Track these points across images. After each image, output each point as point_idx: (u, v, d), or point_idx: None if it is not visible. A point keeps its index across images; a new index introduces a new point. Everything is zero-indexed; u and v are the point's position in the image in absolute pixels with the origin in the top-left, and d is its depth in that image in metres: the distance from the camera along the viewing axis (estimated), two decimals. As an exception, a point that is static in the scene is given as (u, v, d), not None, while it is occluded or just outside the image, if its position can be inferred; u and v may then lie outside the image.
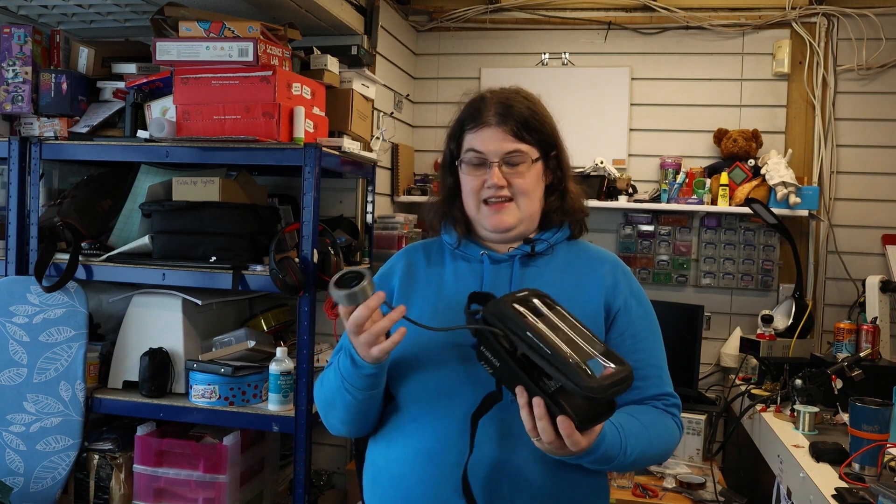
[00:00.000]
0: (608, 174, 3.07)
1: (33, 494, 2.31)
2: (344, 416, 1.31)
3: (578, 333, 1.07)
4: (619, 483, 2.45)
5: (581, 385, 0.98)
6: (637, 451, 1.21)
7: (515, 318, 1.06)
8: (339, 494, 2.86)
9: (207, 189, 2.35)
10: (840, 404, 2.27)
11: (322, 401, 1.35)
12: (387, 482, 1.29)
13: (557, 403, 1.04)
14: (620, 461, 1.18)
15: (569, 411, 1.03)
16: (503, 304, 1.09)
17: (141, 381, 2.34)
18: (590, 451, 1.11)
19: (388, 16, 3.04)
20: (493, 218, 1.32)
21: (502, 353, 1.08)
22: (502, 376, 1.10)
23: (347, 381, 1.24)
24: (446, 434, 1.23)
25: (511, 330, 1.06)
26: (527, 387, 1.06)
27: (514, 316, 1.07)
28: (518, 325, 1.05)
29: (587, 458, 1.14)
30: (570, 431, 1.04)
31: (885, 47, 2.98)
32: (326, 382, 1.33)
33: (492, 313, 1.09)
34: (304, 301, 2.23)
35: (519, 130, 1.32)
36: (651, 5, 3.18)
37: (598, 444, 1.12)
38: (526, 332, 1.04)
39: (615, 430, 1.17)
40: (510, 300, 1.09)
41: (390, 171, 3.17)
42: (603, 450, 1.14)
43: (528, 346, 1.04)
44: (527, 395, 1.06)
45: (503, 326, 1.07)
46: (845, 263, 3.02)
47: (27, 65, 2.44)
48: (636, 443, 1.20)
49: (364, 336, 1.16)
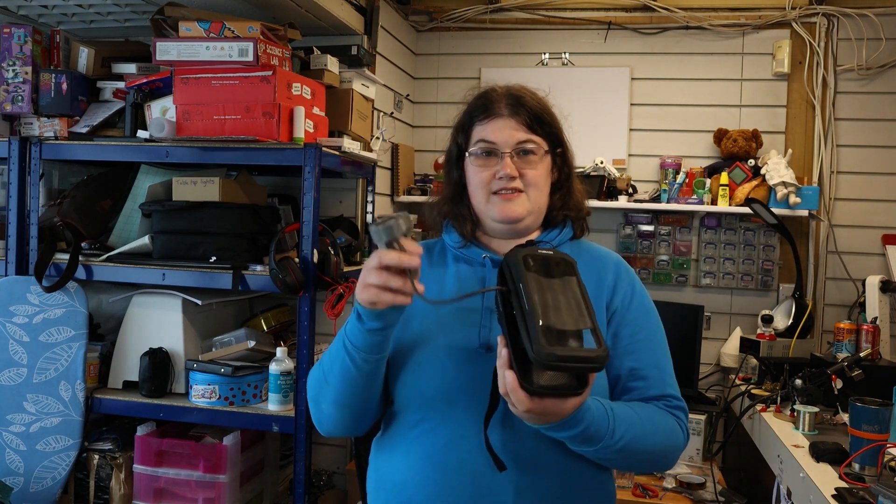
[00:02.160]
0: (608, 174, 3.07)
1: (33, 494, 2.31)
2: (338, 391, 1.23)
3: (573, 305, 1.05)
4: (619, 483, 2.44)
5: (533, 346, 0.97)
6: (628, 437, 1.17)
7: (518, 269, 1.07)
8: (339, 494, 2.86)
9: (207, 189, 2.35)
10: (840, 404, 2.27)
11: (316, 379, 1.28)
12: (389, 489, 1.28)
13: (519, 359, 1.04)
14: (608, 443, 1.15)
15: (522, 369, 1.03)
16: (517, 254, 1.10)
17: (141, 381, 2.34)
18: (569, 422, 1.09)
19: (388, 16, 3.04)
20: (502, 207, 1.29)
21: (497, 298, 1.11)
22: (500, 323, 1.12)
23: (350, 341, 1.18)
24: (447, 440, 1.22)
25: (512, 276, 1.08)
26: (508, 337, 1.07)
27: (519, 266, 1.07)
28: (516, 276, 1.06)
29: (568, 432, 1.11)
30: (514, 387, 1.03)
31: (885, 47, 2.98)
32: (326, 356, 1.27)
33: (507, 259, 1.12)
34: (304, 301, 2.23)
35: (531, 122, 1.31)
36: (651, 5, 3.18)
37: (579, 418, 1.10)
38: (518, 284, 1.05)
39: (602, 409, 1.15)
40: (529, 253, 1.10)
41: (390, 171, 3.17)
42: (585, 425, 1.11)
43: (515, 296, 1.05)
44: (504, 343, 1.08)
45: (509, 271, 1.09)
46: (845, 263, 3.02)
47: (27, 65, 2.44)
48: (627, 428, 1.17)
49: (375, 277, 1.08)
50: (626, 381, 1.29)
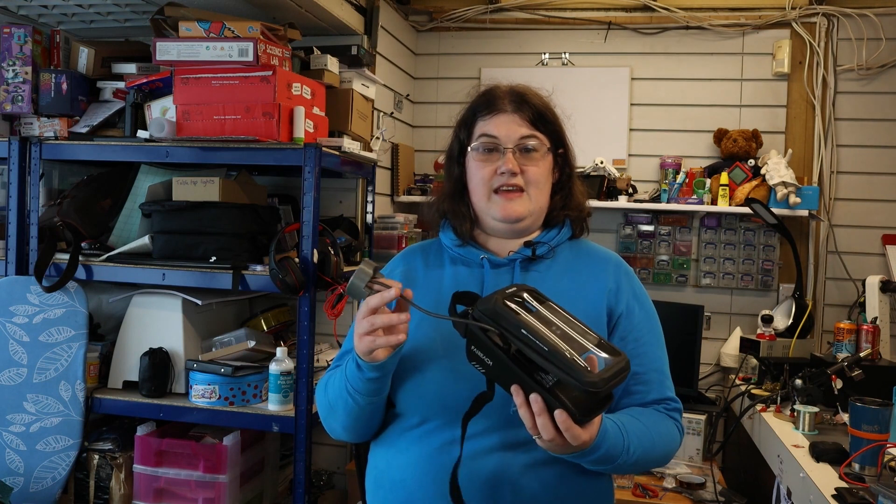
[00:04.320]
0: (608, 174, 3.07)
1: (33, 494, 2.31)
2: (346, 422, 1.29)
3: (572, 327, 1.05)
4: (618, 483, 2.45)
5: (580, 380, 0.96)
6: (640, 452, 1.19)
7: (508, 316, 1.03)
8: (339, 494, 2.86)
9: (207, 189, 2.35)
10: (840, 404, 2.27)
11: (324, 405, 1.33)
12: (388, 487, 1.28)
13: (556, 397, 1.02)
14: (623, 461, 1.16)
15: (567, 405, 1.01)
16: (494, 302, 1.06)
17: (141, 381, 2.34)
18: (592, 448, 1.09)
19: (388, 16, 3.04)
20: (503, 206, 1.29)
21: (496, 351, 1.05)
22: (496, 375, 1.08)
23: (351, 385, 1.22)
24: (446, 441, 1.22)
25: (504, 328, 1.03)
26: (523, 384, 1.04)
27: (507, 313, 1.04)
28: (511, 322, 1.03)
29: (590, 457, 1.12)
30: (568, 425, 1.01)
31: (885, 47, 2.98)
32: (330, 387, 1.31)
33: (483, 312, 1.06)
34: (304, 301, 2.23)
35: (534, 119, 1.31)
36: (651, 5, 3.18)
37: (600, 442, 1.10)
38: (520, 330, 1.02)
39: (617, 429, 1.16)
40: (500, 297, 1.07)
41: (390, 171, 3.17)
42: (605, 448, 1.12)
43: (523, 344, 1.01)
44: (523, 393, 1.04)
45: (496, 324, 1.04)
46: (845, 263, 3.02)
47: (27, 65, 2.44)
48: (639, 443, 1.19)
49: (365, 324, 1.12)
50: (628, 385, 1.29)
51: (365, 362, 1.17)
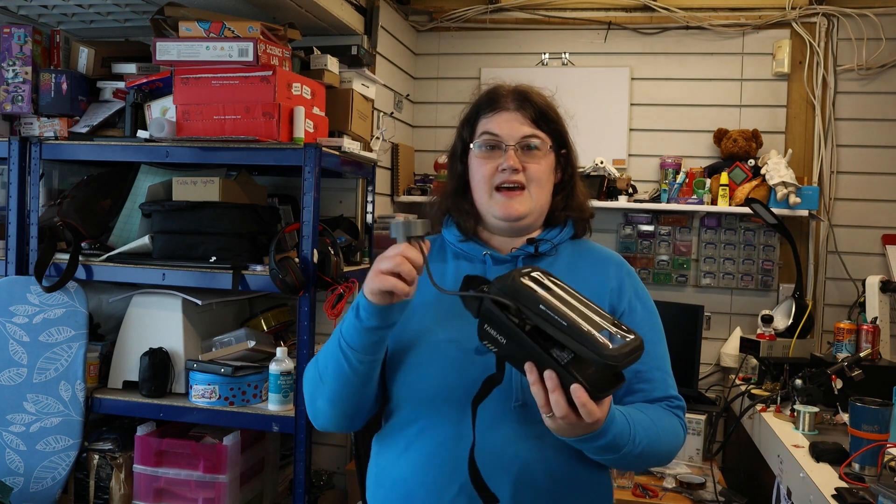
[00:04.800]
0: (608, 174, 3.07)
1: (33, 494, 2.31)
2: (333, 390, 1.24)
3: (586, 306, 1.05)
4: (619, 483, 2.45)
5: (600, 354, 0.97)
6: (645, 443, 1.18)
7: (526, 292, 1.04)
8: (339, 494, 2.86)
9: (207, 189, 2.35)
10: (840, 404, 2.27)
11: (312, 377, 1.29)
12: (388, 485, 1.29)
13: (570, 373, 1.02)
14: (629, 450, 1.15)
15: (582, 381, 1.01)
16: (511, 280, 1.06)
17: (141, 381, 2.34)
18: (600, 432, 1.08)
19: (388, 16, 3.04)
20: (504, 205, 1.30)
21: (511, 328, 1.05)
22: (508, 354, 1.07)
23: (346, 341, 1.19)
24: (445, 438, 1.22)
25: (522, 303, 1.03)
26: (538, 360, 1.03)
27: (524, 289, 1.04)
28: (530, 298, 1.03)
29: (597, 443, 1.11)
30: (584, 400, 1.01)
31: (885, 47, 2.98)
32: (321, 355, 1.28)
33: (500, 289, 1.06)
34: (304, 301, 2.23)
35: (536, 117, 1.32)
36: (651, 5, 3.18)
37: (607, 427, 1.09)
38: (538, 306, 1.02)
39: (624, 417, 1.16)
40: (518, 275, 1.07)
41: (390, 171, 3.17)
42: (612, 434, 1.11)
43: (541, 319, 1.01)
44: (537, 370, 1.04)
45: (514, 300, 1.04)
46: (845, 263, 3.02)
47: (27, 65, 2.44)
48: (644, 433, 1.18)
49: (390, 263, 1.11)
50: (631, 383, 1.29)
51: (370, 306, 1.14)
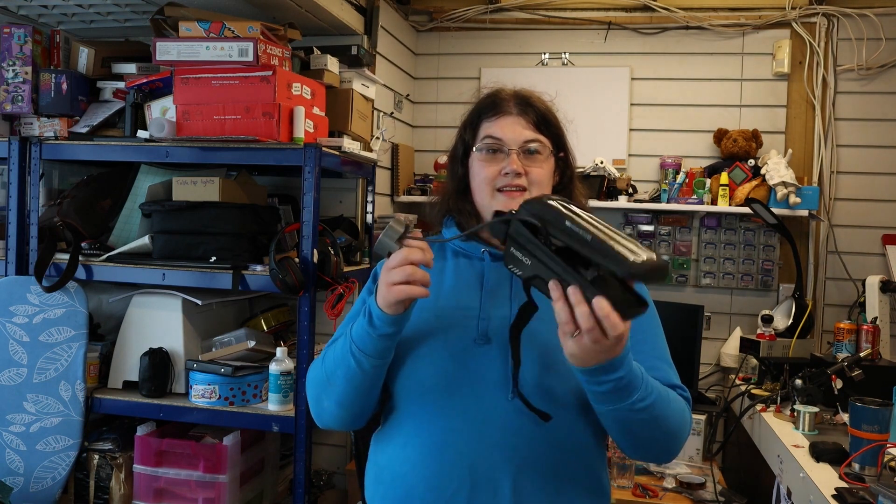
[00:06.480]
0: (608, 174, 3.07)
1: (33, 494, 2.31)
2: (342, 394, 1.25)
3: (609, 229, 1.05)
4: (619, 483, 2.45)
5: (626, 266, 0.96)
6: (655, 395, 1.16)
7: (552, 210, 1.05)
8: (339, 494, 2.86)
9: (207, 189, 2.35)
10: (840, 404, 2.27)
11: (319, 379, 1.30)
12: (388, 481, 1.29)
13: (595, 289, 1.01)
14: (639, 398, 1.13)
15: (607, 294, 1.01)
16: (538, 202, 1.08)
17: (141, 381, 2.34)
18: (616, 362, 1.07)
19: (388, 16, 3.04)
20: (506, 204, 1.30)
21: (537, 246, 1.06)
22: (534, 275, 1.07)
23: (358, 346, 1.20)
24: (445, 432, 1.22)
25: (548, 221, 1.05)
26: (562, 277, 1.04)
27: (551, 209, 1.06)
28: (556, 216, 1.04)
29: (611, 375, 1.09)
30: (607, 311, 0.99)
31: (885, 47, 2.98)
32: (329, 358, 1.29)
33: (527, 210, 1.08)
34: (304, 301, 2.23)
35: (538, 122, 1.34)
36: (651, 5, 3.18)
37: (622, 359, 1.08)
38: (564, 222, 1.03)
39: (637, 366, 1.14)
40: (545, 198, 1.09)
41: (390, 171, 3.17)
42: (626, 370, 1.09)
43: (567, 236, 1.02)
44: (561, 287, 1.03)
45: (540, 219, 1.06)
46: (845, 263, 3.02)
47: (27, 65, 2.44)
48: (654, 386, 1.17)
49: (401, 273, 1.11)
50: None
51: (384, 316, 1.15)
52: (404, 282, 1.11)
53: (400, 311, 1.15)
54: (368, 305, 1.19)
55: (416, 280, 1.12)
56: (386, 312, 1.15)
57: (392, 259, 1.13)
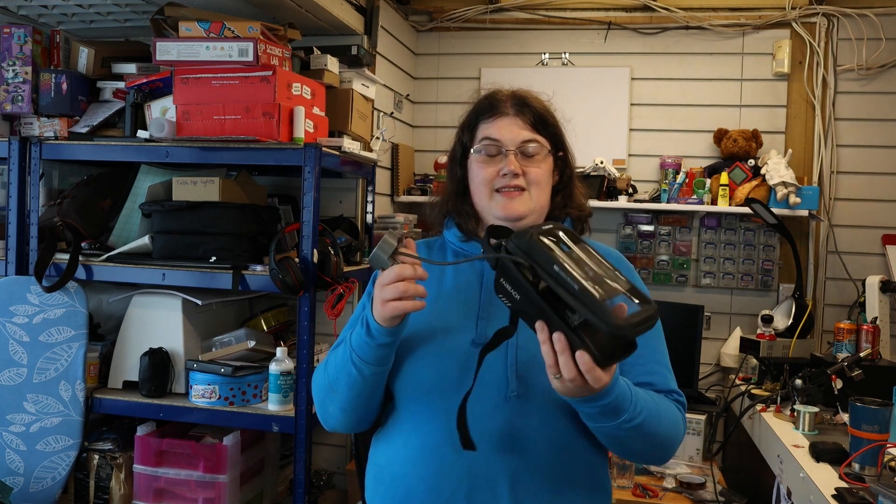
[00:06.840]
0: (608, 174, 3.07)
1: (33, 494, 2.31)
2: (346, 400, 1.27)
3: (604, 270, 1.03)
4: (619, 483, 2.45)
5: (609, 323, 0.95)
6: (645, 414, 1.17)
7: (541, 251, 1.02)
8: (339, 494, 2.86)
9: (207, 189, 2.35)
10: (840, 404, 2.27)
11: (323, 385, 1.32)
12: (388, 481, 1.29)
13: (580, 337, 1.01)
14: (629, 417, 1.14)
15: (590, 346, 1.00)
16: (529, 236, 1.05)
17: (141, 381, 2.34)
18: (605, 392, 1.08)
19: (388, 16, 3.04)
20: (505, 205, 1.31)
21: (524, 285, 1.04)
22: (521, 310, 1.07)
23: (358, 355, 1.22)
24: (444, 432, 1.22)
25: (536, 262, 1.02)
26: (549, 320, 1.03)
27: (540, 248, 1.03)
28: (544, 258, 1.01)
29: (600, 402, 1.10)
30: (590, 367, 1.01)
31: (885, 47, 2.98)
32: (331, 365, 1.30)
33: (517, 245, 1.05)
34: (304, 301, 2.23)
35: (535, 122, 1.34)
36: (651, 5, 3.18)
37: (611, 387, 1.09)
38: (552, 266, 1.00)
39: (624, 384, 1.15)
40: (537, 232, 1.06)
41: (390, 171, 3.17)
42: (615, 395, 1.10)
43: (554, 281, 1.00)
44: (548, 330, 1.03)
45: (528, 259, 1.03)
46: (845, 263, 3.02)
47: (27, 65, 2.44)
48: (644, 405, 1.18)
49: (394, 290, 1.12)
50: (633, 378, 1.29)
51: (381, 328, 1.17)
52: (397, 298, 1.13)
53: (395, 324, 1.17)
54: (366, 316, 1.20)
55: (408, 295, 1.12)
56: (381, 325, 1.17)
57: (384, 276, 1.14)
